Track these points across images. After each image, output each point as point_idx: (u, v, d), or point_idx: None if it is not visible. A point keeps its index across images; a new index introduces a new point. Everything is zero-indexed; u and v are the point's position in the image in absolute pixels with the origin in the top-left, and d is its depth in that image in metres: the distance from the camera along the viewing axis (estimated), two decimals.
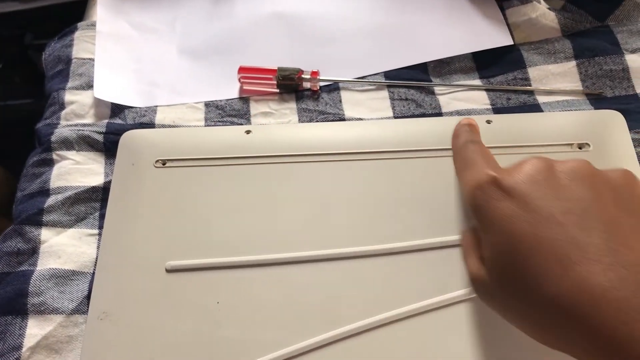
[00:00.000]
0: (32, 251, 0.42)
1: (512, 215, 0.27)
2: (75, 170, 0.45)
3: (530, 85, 0.48)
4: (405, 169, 0.42)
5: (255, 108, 0.49)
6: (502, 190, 0.28)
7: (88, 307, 0.39)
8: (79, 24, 0.55)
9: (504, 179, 0.28)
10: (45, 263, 0.41)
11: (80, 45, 0.53)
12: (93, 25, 0.54)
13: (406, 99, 0.48)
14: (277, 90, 0.50)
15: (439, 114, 0.47)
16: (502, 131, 0.43)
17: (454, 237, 0.39)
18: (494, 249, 0.28)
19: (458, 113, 0.47)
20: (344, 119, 0.47)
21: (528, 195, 0.27)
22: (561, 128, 0.43)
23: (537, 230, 0.26)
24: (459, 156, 0.35)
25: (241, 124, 0.48)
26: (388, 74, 0.50)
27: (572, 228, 0.26)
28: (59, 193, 0.44)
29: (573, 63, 0.49)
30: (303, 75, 0.49)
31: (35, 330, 0.39)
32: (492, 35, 0.51)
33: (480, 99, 0.48)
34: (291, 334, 0.36)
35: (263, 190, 0.42)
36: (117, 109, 0.49)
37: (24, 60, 1.01)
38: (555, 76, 0.49)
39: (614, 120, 0.43)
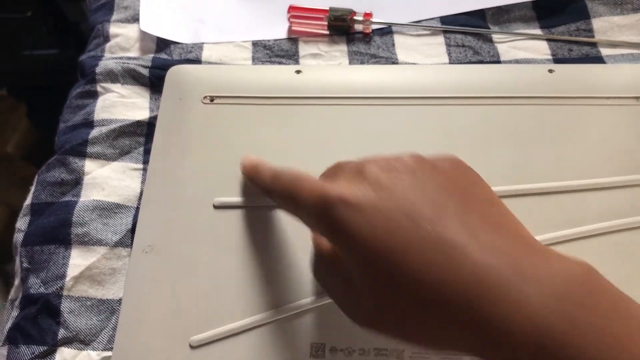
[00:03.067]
0: (76, 182, 0.41)
1: (370, 227, 0.25)
2: (120, 104, 0.44)
3: (593, 36, 0.46)
4: (459, 116, 0.41)
5: (304, 49, 0.47)
6: (349, 205, 0.25)
7: (132, 240, 0.38)
8: None
9: (349, 193, 0.26)
10: (89, 194, 0.40)
11: None
12: None
13: (463, 46, 0.46)
14: (328, 32, 0.48)
15: (497, 63, 0.45)
16: (566, 81, 0.41)
17: (508, 188, 0.37)
18: (362, 267, 0.25)
19: (517, 62, 0.45)
20: (397, 64, 0.46)
21: (374, 203, 0.25)
22: (626, 80, 0.41)
23: (398, 231, 0.24)
24: (277, 189, 0.31)
25: (289, 65, 0.46)
26: (444, 20, 0.48)
27: (429, 224, 0.24)
28: (103, 125, 0.43)
29: None
30: (355, 17, 0.47)
31: (78, 260, 0.38)
32: None
33: (540, 49, 0.46)
34: None
35: (312, 131, 0.41)
36: (162, 44, 0.47)
37: (52, 9, 1.00)
38: (620, 28, 0.46)
39: None
